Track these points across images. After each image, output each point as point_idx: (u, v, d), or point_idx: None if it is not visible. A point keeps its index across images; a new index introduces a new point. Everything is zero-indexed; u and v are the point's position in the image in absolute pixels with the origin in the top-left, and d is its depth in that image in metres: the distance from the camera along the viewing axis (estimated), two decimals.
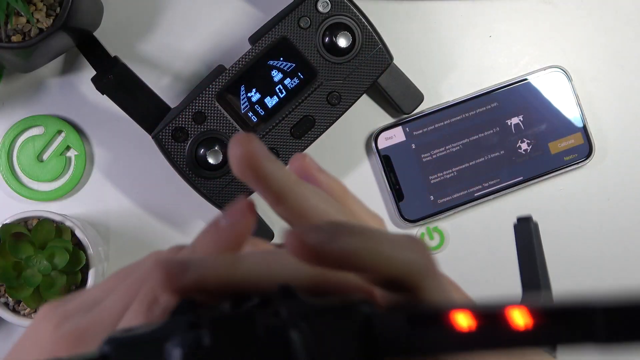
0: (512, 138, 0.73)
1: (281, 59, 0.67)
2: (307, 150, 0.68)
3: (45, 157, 0.73)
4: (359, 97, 0.68)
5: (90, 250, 0.66)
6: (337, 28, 0.66)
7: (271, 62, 0.67)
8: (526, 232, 0.51)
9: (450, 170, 0.73)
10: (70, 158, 0.73)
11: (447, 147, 0.73)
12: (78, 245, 0.66)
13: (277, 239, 0.72)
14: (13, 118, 0.72)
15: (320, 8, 0.66)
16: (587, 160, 0.73)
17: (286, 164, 0.68)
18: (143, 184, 0.73)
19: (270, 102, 0.67)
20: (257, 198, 0.77)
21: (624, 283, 0.75)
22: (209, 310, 0.28)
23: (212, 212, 0.71)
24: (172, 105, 0.69)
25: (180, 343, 0.26)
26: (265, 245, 0.34)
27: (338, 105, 0.68)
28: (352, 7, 0.66)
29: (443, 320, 0.26)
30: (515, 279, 0.74)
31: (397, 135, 0.73)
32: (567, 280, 0.75)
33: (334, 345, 0.27)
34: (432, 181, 0.73)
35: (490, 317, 0.26)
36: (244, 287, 0.29)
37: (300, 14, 0.66)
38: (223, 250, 0.31)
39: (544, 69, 0.73)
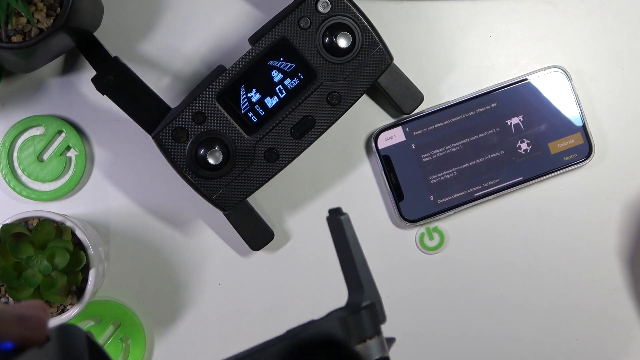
0: (512, 138, 0.73)
1: (281, 59, 0.67)
2: (307, 150, 0.68)
3: (45, 157, 0.73)
4: (359, 98, 0.68)
5: (90, 251, 0.66)
6: (337, 28, 0.66)
7: (271, 63, 0.67)
8: (338, 226, 0.48)
9: (450, 170, 0.73)
10: (70, 158, 0.73)
11: (447, 147, 0.73)
12: (78, 245, 0.66)
13: (277, 239, 0.72)
14: (13, 118, 0.72)
15: (320, 8, 0.66)
16: (587, 160, 0.73)
17: (286, 164, 0.68)
18: (143, 184, 0.73)
19: (270, 102, 0.67)
20: (258, 195, 0.77)
21: (624, 282, 0.75)
22: None
23: (212, 212, 0.71)
24: (172, 106, 0.69)
25: None
26: None
27: (338, 106, 0.68)
28: (352, 7, 0.66)
29: None
30: (514, 279, 0.74)
31: (397, 135, 0.73)
32: (569, 278, 0.75)
33: None
34: (432, 181, 0.73)
35: None
36: None
37: (300, 15, 0.66)
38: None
39: (544, 69, 0.73)
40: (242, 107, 0.67)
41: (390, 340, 0.48)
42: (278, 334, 0.44)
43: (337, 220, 0.48)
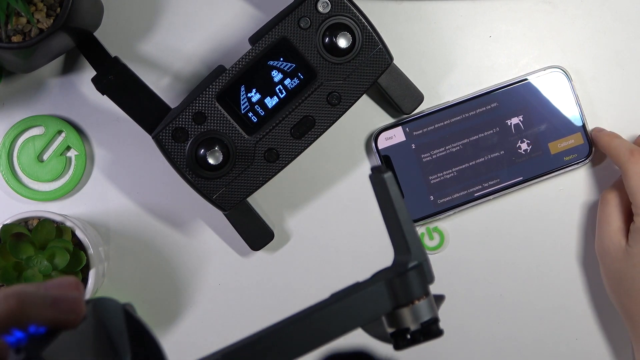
0: (512, 138, 0.73)
1: (281, 59, 0.67)
2: (307, 151, 0.68)
3: (45, 157, 0.73)
4: (359, 98, 0.68)
5: (90, 251, 0.66)
6: (337, 28, 0.66)
7: (271, 63, 0.67)
8: (381, 185, 0.46)
9: (450, 170, 0.73)
10: (70, 158, 0.73)
11: (447, 147, 0.73)
12: (78, 245, 0.66)
13: (277, 239, 0.72)
14: (13, 118, 0.72)
15: (320, 8, 0.66)
16: (587, 160, 0.73)
17: (286, 164, 0.68)
18: (143, 184, 0.73)
19: (270, 102, 0.67)
20: (258, 195, 0.77)
21: None
22: None
23: (212, 212, 0.71)
24: (172, 106, 0.69)
25: None
26: None
27: (338, 106, 0.68)
28: (352, 7, 0.66)
29: None
30: (514, 279, 0.74)
31: (397, 135, 0.73)
32: (569, 278, 0.75)
33: None
34: (432, 181, 0.73)
35: None
36: None
37: (300, 15, 0.66)
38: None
39: (544, 69, 0.73)
40: (242, 107, 0.67)
41: (440, 298, 0.47)
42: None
43: (380, 179, 0.46)
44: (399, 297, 0.45)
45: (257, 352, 0.41)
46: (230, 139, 0.67)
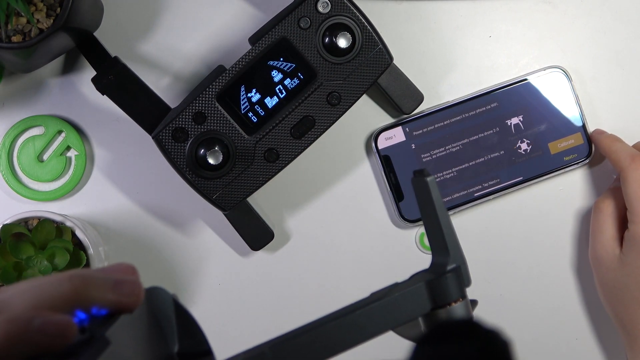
0: (512, 138, 0.73)
1: (281, 59, 0.67)
2: (307, 151, 0.68)
3: (45, 157, 0.73)
4: (359, 98, 0.68)
5: (90, 251, 0.66)
6: (337, 28, 0.66)
7: (271, 63, 0.67)
8: (423, 188, 0.47)
9: (450, 170, 0.73)
10: (70, 158, 0.73)
11: (447, 147, 0.73)
12: (78, 245, 0.67)
13: (277, 239, 0.72)
14: (13, 118, 0.72)
15: (320, 8, 0.66)
16: (587, 160, 0.73)
17: (286, 164, 0.68)
18: (143, 184, 0.73)
19: (270, 102, 0.67)
20: (258, 195, 0.77)
21: None
22: None
23: (212, 212, 0.71)
24: (172, 105, 0.69)
25: None
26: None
27: (338, 106, 0.68)
28: (352, 7, 0.66)
29: None
30: (514, 279, 0.74)
31: (397, 135, 0.73)
32: (569, 278, 0.75)
33: None
34: None
35: None
36: None
37: (300, 15, 0.66)
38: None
39: (544, 69, 0.73)
40: (242, 107, 0.67)
41: (473, 303, 0.48)
42: (330, 311, 0.44)
43: (423, 182, 0.47)
44: (437, 298, 0.46)
45: (301, 345, 0.42)
46: (230, 139, 0.67)
